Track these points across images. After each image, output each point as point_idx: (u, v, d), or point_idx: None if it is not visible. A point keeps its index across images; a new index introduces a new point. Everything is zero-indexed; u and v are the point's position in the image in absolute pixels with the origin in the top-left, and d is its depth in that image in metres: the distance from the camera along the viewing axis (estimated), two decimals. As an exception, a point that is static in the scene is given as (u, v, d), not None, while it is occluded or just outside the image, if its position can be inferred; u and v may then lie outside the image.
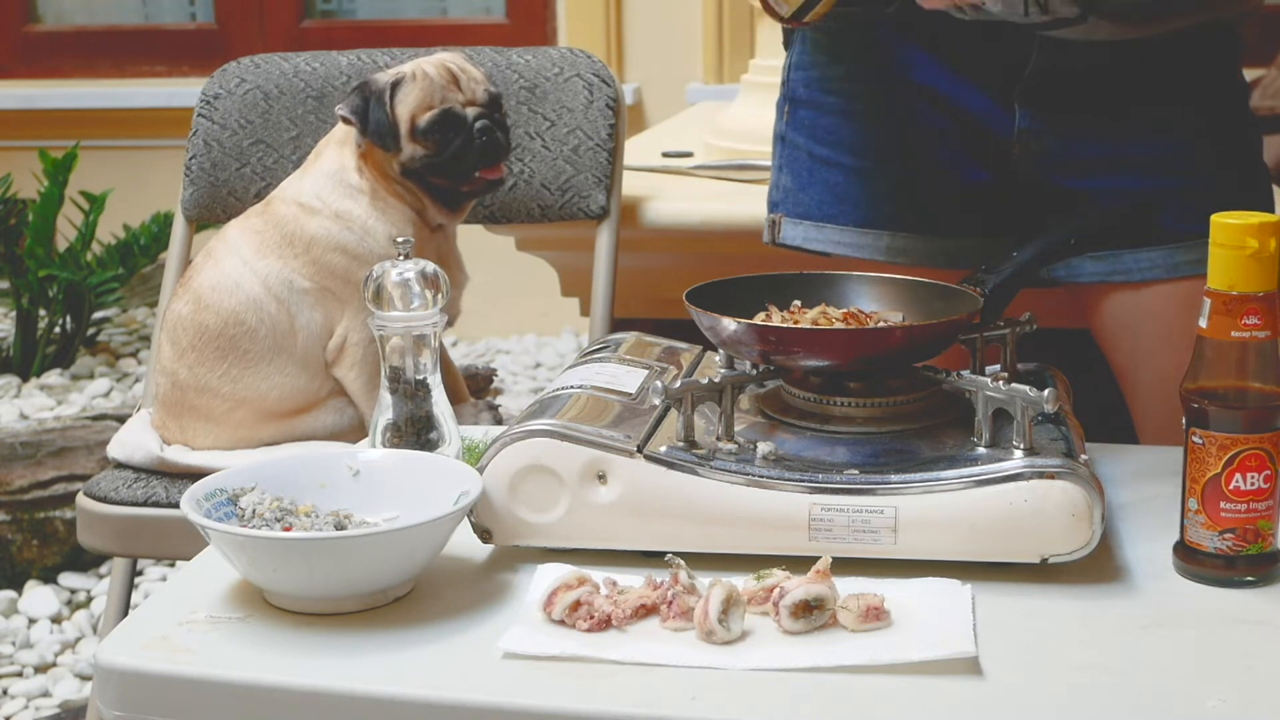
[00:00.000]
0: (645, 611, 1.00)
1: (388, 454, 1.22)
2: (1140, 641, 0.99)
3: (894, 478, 1.07)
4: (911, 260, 1.51)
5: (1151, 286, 1.47)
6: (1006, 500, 1.05)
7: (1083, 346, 1.58)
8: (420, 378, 1.27)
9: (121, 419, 2.61)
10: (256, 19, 4.27)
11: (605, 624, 0.99)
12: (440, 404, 1.28)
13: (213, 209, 2.06)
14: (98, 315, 3.85)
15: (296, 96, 2.06)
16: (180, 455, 1.77)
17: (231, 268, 1.75)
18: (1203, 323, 1.05)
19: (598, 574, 1.03)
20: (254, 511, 1.08)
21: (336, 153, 1.78)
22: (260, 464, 1.15)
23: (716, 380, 1.11)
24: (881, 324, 1.20)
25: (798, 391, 1.17)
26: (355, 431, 1.76)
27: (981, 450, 1.09)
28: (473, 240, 2.14)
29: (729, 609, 0.97)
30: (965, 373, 1.19)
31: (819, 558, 1.01)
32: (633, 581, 1.03)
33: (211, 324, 1.74)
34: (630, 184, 2.13)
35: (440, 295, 1.27)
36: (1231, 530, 1.05)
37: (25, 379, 3.62)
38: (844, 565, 1.04)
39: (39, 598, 2.64)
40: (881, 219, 1.52)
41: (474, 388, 1.95)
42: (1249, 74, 1.54)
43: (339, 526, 1.08)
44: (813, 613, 0.98)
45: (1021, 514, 1.04)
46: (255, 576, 1.04)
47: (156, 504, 1.72)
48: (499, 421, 1.80)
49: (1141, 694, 0.92)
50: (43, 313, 3.70)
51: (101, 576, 2.71)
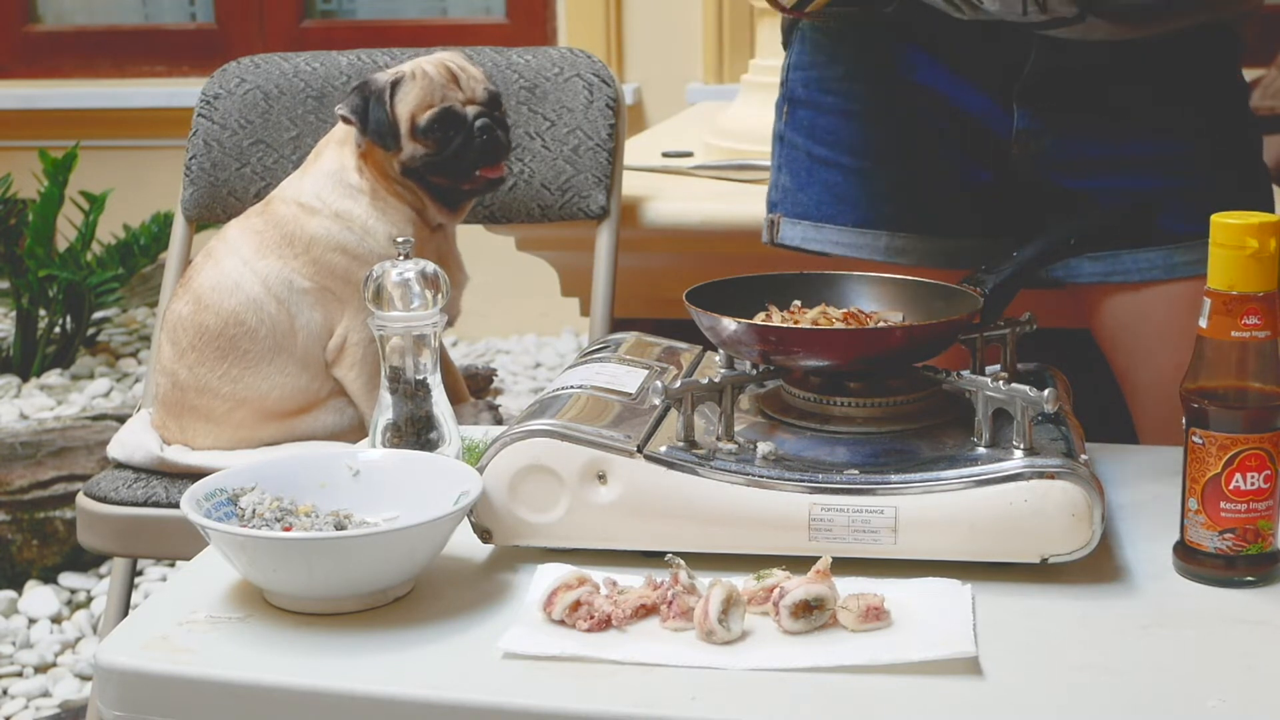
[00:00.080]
0: (645, 611, 1.00)
1: (388, 454, 1.22)
2: (1140, 641, 0.99)
3: (894, 478, 1.07)
4: (911, 260, 1.51)
5: (1151, 287, 1.47)
6: (1006, 500, 1.05)
7: (1083, 346, 1.58)
8: (420, 378, 1.27)
9: (121, 419, 2.61)
10: (256, 19, 4.27)
11: (605, 624, 0.99)
12: (440, 404, 1.28)
13: (213, 209, 2.06)
14: (98, 315, 3.85)
15: (296, 96, 2.06)
16: (180, 455, 1.76)
17: (231, 268, 1.75)
18: (1203, 323, 1.05)
19: (598, 574, 1.03)
20: (254, 511, 1.08)
21: (336, 152, 1.78)
22: (260, 464, 1.15)
23: (716, 380, 1.11)
24: (881, 324, 1.20)
25: (798, 391, 1.17)
26: (355, 431, 1.76)
27: (981, 450, 1.09)
28: (473, 240, 2.14)
29: (729, 609, 0.97)
30: (965, 373, 1.19)
31: (819, 558, 1.01)
32: (633, 581, 1.03)
33: (211, 324, 1.74)
34: (630, 184, 2.13)
35: (440, 295, 1.27)
36: (1231, 530, 1.05)
37: (25, 379, 3.62)
38: (844, 565, 1.04)
39: (39, 598, 2.63)
40: (881, 219, 1.52)
41: (474, 388, 1.95)
42: (1249, 74, 1.54)
43: (339, 526, 1.08)
44: (813, 613, 0.98)
45: (1021, 514, 1.04)
46: (255, 576, 1.04)
47: (156, 504, 1.72)
48: (499, 421, 1.80)
49: (1141, 694, 0.92)
50: (43, 313, 3.69)
51: (101, 576, 2.71)
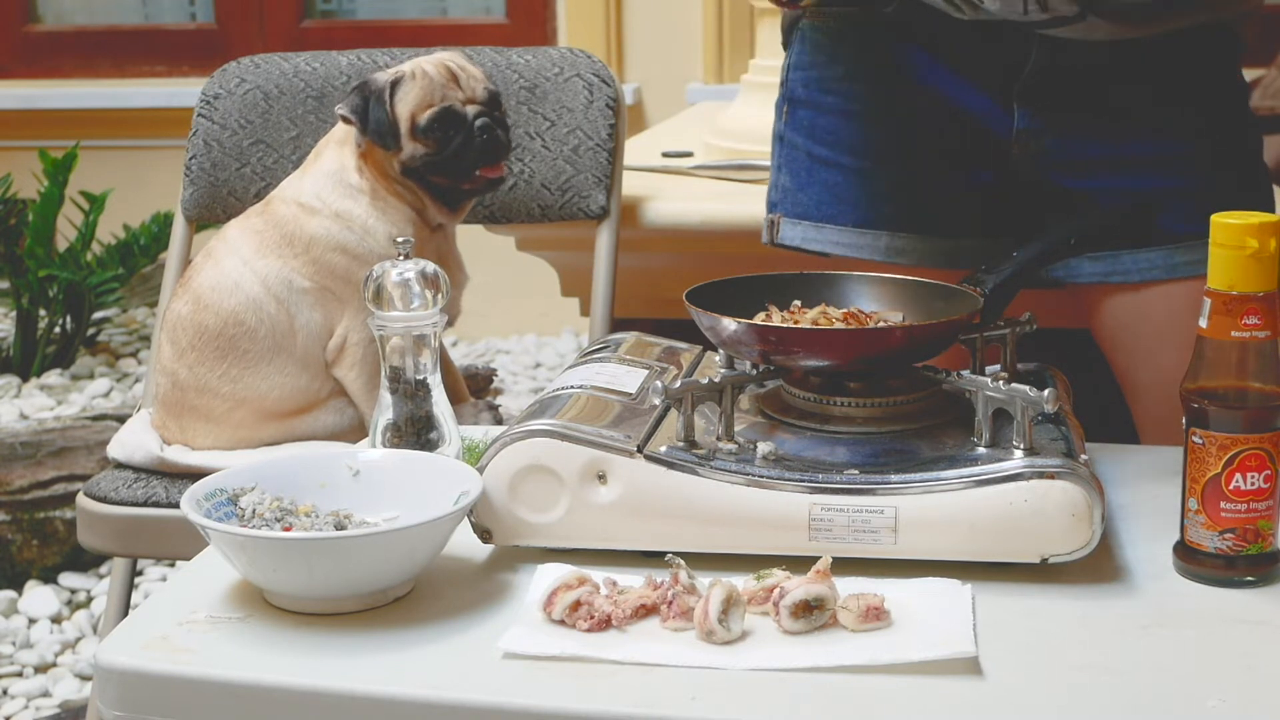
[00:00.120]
0: (645, 611, 1.00)
1: (388, 454, 1.22)
2: (1140, 641, 0.99)
3: (894, 478, 1.07)
4: (911, 260, 1.51)
5: (1151, 287, 1.47)
6: (1006, 500, 1.05)
7: (1083, 346, 1.58)
8: (420, 378, 1.27)
9: (121, 419, 2.61)
10: (256, 19, 4.27)
11: (605, 624, 0.99)
12: (440, 404, 1.28)
13: (213, 209, 2.06)
14: (98, 315, 3.85)
15: (296, 96, 2.06)
16: (180, 455, 1.76)
17: (231, 268, 1.75)
18: (1203, 323, 1.05)
19: (598, 574, 1.03)
20: (254, 511, 1.08)
21: (336, 152, 1.78)
22: (260, 464, 1.15)
23: (716, 380, 1.11)
24: (881, 324, 1.20)
25: (798, 391, 1.17)
26: (355, 431, 1.76)
27: (981, 450, 1.09)
28: (473, 240, 2.14)
29: (729, 609, 0.97)
30: (965, 373, 1.19)
31: (819, 558, 1.01)
32: (633, 581, 1.03)
33: (211, 324, 1.74)
34: (630, 184, 2.13)
35: (440, 295, 1.27)
36: (1231, 530, 1.05)
37: (25, 379, 3.62)
38: (844, 565, 1.04)
39: (39, 598, 2.63)
40: (881, 219, 1.52)
41: (474, 388, 1.95)
42: (1249, 74, 1.54)
43: (339, 526, 1.08)
44: (813, 613, 0.98)
45: (1021, 514, 1.04)
46: (255, 576, 1.04)
47: (156, 504, 1.72)
48: (499, 421, 1.80)
49: (1141, 694, 0.92)
50: (43, 313, 3.69)
51: (101, 576, 2.71)
